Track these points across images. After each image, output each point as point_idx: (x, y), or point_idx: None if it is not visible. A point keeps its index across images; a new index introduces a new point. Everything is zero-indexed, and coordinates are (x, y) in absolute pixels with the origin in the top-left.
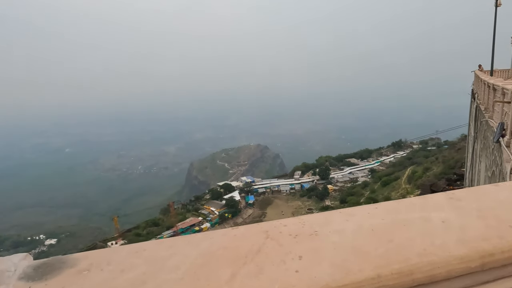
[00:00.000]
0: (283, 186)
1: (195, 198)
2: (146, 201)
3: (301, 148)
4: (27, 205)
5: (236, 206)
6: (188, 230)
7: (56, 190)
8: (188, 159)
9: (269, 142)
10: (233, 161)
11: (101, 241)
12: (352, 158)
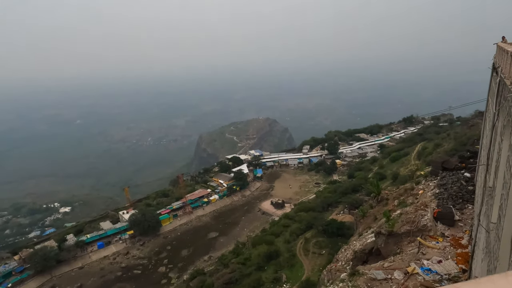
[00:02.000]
0: (291, 160)
1: (204, 170)
2: (156, 173)
3: (310, 122)
4: (41, 174)
5: (244, 179)
6: (197, 201)
7: (68, 160)
8: (197, 131)
9: (278, 116)
10: (242, 134)
11: (113, 210)
12: (362, 133)
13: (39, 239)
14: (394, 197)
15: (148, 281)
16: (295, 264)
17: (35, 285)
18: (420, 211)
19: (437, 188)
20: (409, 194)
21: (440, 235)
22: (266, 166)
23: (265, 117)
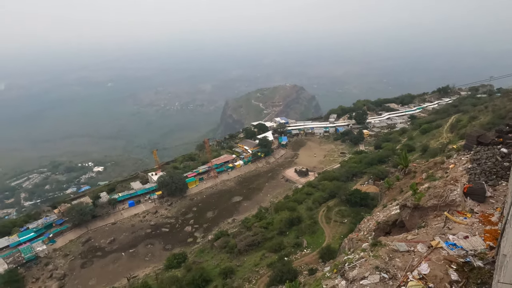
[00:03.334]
0: (317, 129)
1: (229, 136)
2: (182, 137)
3: (338, 90)
4: (76, 134)
5: (269, 146)
6: (222, 166)
7: (101, 122)
8: (223, 97)
9: (305, 83)
10: (268, 101)
11: (142, 171)
12: (392, 103)
13: (76, 195)
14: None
15: (175, 239)
16: (316, 231)
17: (73, 236)
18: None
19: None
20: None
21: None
22: (291, 134)
23: (292, 84)
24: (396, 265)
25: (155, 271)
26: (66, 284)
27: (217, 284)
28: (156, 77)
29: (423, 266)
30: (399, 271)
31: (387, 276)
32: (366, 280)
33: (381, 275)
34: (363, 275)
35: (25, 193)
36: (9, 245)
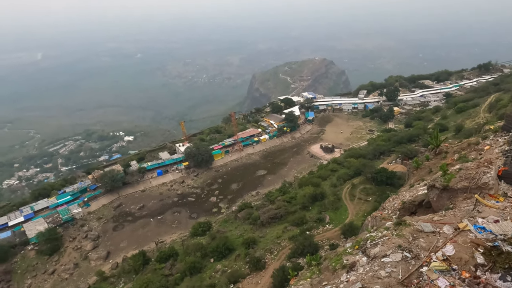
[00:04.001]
0: (345, 105)
1: (256, 110)
2: (209, 109)
3: (369, 65)
4: (107, 104)
5: (295, 121)
6: (248, 140)
7: (131, 92)
8: (250, 70)
9: (335, 57)
10: (296, 75)
11: (170, 142)
12: (427, 80)
13: (108, 162)
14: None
15: (201, 208)
16: (339, 207)
17: (106, 201)
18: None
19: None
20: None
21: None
22: (319, 109)
23: (321, 58)
24: (419, 245)
25: (181, 238)
26: (100, 244)
27: (239, 253)
28: (184, 49)
29: (448, 247)
30: (422, 251)
31: (409, 255)
32: (388, 258)
33: (403, 254)
34: (385, 253)
35: (62, 159)
36: (48, 206)
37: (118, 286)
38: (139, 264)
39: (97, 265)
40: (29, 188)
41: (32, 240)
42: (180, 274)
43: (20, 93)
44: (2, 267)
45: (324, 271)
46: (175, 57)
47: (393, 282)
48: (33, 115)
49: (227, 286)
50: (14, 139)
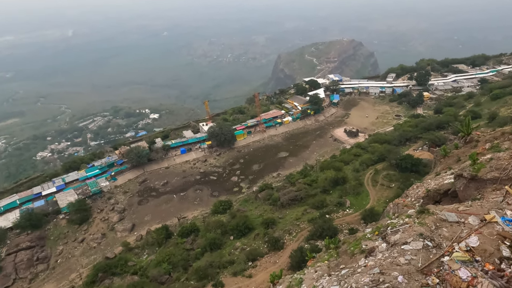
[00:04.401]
0: (373, 89)
1: (280, 91)
2: (233, 89)
3: (400, 47)
4: (134, 82)
5: (320, 103)
6: (271, 121)
7: (156, 71)
8: (276, 50)
9: (364, 38)
10: (322, 56)
11: (194, 121)
12: (461, 64)
13: (134, 139)
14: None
15: (222, 187)
16: (360, 192)
17: (132, 176)
18: None
19: None
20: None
21: None
22: (344, 92)
23: (350, 39)
24: (442, 234)
25: (203, 215)
26: (125, 217)
27: (258, 233)
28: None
29: (473, 238)
30: (444, 241)
31: (431, 244)
32: (408, 246)
33: (424, 243)
34: (405, 240)
35: (91, 134)
36: (78, 179)
37: (142, 257)
38: (162, 237)
39: (122, 236)
40: (60, 160)
41: (63, 210)
42: (200, 249)
43: (52, 69)
44: (37, 233)
45: (342, 254)
46: (201, 36)
47: (412, 270)
48: (64, 90)
49: (245, 263)
50: (47, 114)
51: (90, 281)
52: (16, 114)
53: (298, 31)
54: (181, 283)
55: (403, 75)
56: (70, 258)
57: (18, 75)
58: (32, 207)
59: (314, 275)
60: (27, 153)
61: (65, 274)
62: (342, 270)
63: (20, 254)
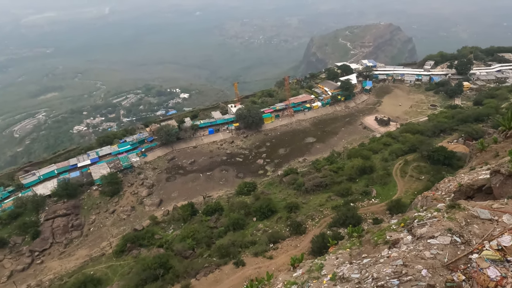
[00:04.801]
0: (408, 76)
1: (310, 75)
2: (263, 72)
3: (442, 33)
4: (166, 61)
5: (351, 89)
6: (299, 106)
7: (189, 50)
8: (309, 33)
9: (403, 22)
10: (357, 40)
11: (223, 102)
12: (508, 53)
13: (164, 117)
14: None
15: (247, 169)
16: (388, 182)
17: (161, 153)
18: None
19: None
20: None
21: None
22: (378, 79)
23: (387, 23)
24: (472, 231)
25: (227, 195)
26: (154, 192)
27: (281, 216)
28: (243, 7)
29: (506, 237)
30: (474, 238)
31: (459, 240)
32: (435, 240)
33: (452, 238)
34: (432, 234)
35: (124, 110)
36: (111, 153)
37: (168, 231)
38: (187, 214)
39: (150, 210)
40: (95, 134)
41: (96, 182)
42: (223, 228)
43: (89, 46)
44: (72, 202)
45: (365, 244)
46: (233, 16)
47: (437, 264)
48: (100, 67)
49: (267, 244)
50: (84, 89)
51: (119, 250)
52: (56, 89)
53: (333, 13)
54: (203, 258)
55: (442, 63)
56: (101, 227)
57: (58, 51)
58: (68, 177)
59: (335, 262)
60: (64, 126)
61: (97, 242)
62: (364, 259)
63: (57, 221)
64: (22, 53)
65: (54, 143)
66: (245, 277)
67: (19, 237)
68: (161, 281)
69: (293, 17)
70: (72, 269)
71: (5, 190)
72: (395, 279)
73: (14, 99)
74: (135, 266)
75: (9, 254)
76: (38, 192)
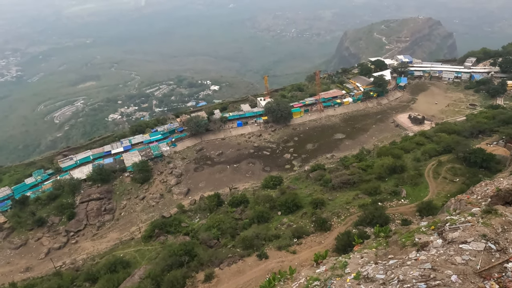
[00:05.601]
0: (447, 73)
1: (342, 70)
2: (294, 65)
3: (486, 28)
4: (198, 53)
5: (384, 86)
6: (330, 101)
7: (220, 43)
8: (342, 27)
9: (443, 16)
10: (393, 35)
11: (252, 95)
12: None
13: (194, 108)
14: None
15: (274, 162)
16: (419, 183)
17: (190, 144)
18: None
19: None
20: None
21: None
22: (413, 75)
23: (427, 17)
24: (509, 238)
25: (253, 187)
26: (182, 181)
27: (306, 211)
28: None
29: None
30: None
31: (494, 247)
32: (467, 245)
33: (487, 245)
34: (465, 239)
35: (156, 100)
36: (142, 142)
37: (194, 220)
38: (213, 204)
39: (178, 199)
40: (128, 123)
41: (128, 168)
42: (248, 220)
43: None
44: (105, 187)
45: (392, 245)
46: (266, 9)
47: (468, 271)
48: (135, 58)
49: (290, 239)
50: (119, 79)
51: (147, 235)
52: (93, 78)
53: (369, 6)
54: (228, 249)
55: (485, 60)
56: (132, 212)
57: (97, 41)
58: (102, 163)
59: (360, 261)
60: (100, 114)
61: (127, 226)
62: (390, 260)
63: (91, 204)
64: (64, 43)
65: (90, 130)
66: (267, 270)
67: (57, 217)
68: (186, 268)
69: (327, 10)
70: (104, 250)
71: (45, 173)
72: (422, 283)
73: (56, 86)
74: (162, 251)
75: (47, 233)
76: (74, 176)
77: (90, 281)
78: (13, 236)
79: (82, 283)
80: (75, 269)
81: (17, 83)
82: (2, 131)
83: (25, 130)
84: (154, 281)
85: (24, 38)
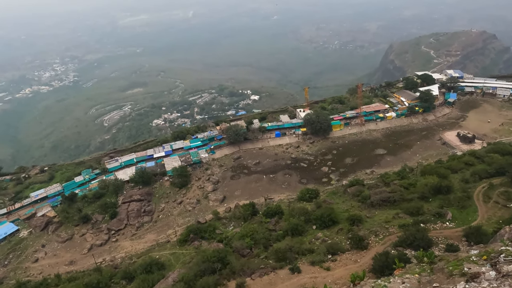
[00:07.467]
0: (502, 90)
1: (386, 84)
2: (335, 77)
3: None
4: (240, 63)
5: (431, 101)
6: (372, 115)
7: (262, 54)
8: (388, 39)
9: (500, 30)
10: (442, 48)
11: (292, 106)
12: None
13: (234, 117)
14: None
15: (311, 175)
16: (467, 206)
17: (228, 152)
18: None
19: None
20: None
21: None
22: (464, 91)
23: (480, 30)
24: None
25: (289, 199)
26: (218, 188)
27: (342, 228)
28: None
29: None
30: None
31: None
32: None
33: None
34: None
35: (197, 108)
36: (183, 147)
37: (228, 227)
38: (248, 213)
39: (214, 206)
40: (170, 129)
41: (168, 173)
42: (282, 232)
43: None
44: (146, 189)
45: (437, 272)
46: (310, 21)
47: None
48: (180, 66)
49: (325, 255)
50: (164, 86)
51: (183, 239)
52: (141, 85)
53: (417, 19)
54: (260, 259)
55: None
56: (169, 215)
57: (146, 50)
58: (145, 166)
59: (401, 286)
60: (145, 119)
61: (164, 229)
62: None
63: (132, 205)
64: (116, 51)
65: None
66: (299, 285)
67: (100, 215)
68: (218, 275)
69: (373, 22)
70: (141, 250)
71: (92, 172)
72: None
73: (106, 92)
74: (195, 256)
75: (91, 229)
76: (119, 177)
77: (127, 280)
78: (61, 230)
79: (119, 281)
80: (113, 267)
81: (73, 87)
82: (58, 131)
83: (77, 131)
84: (186, 286)
85: (82, 46)
